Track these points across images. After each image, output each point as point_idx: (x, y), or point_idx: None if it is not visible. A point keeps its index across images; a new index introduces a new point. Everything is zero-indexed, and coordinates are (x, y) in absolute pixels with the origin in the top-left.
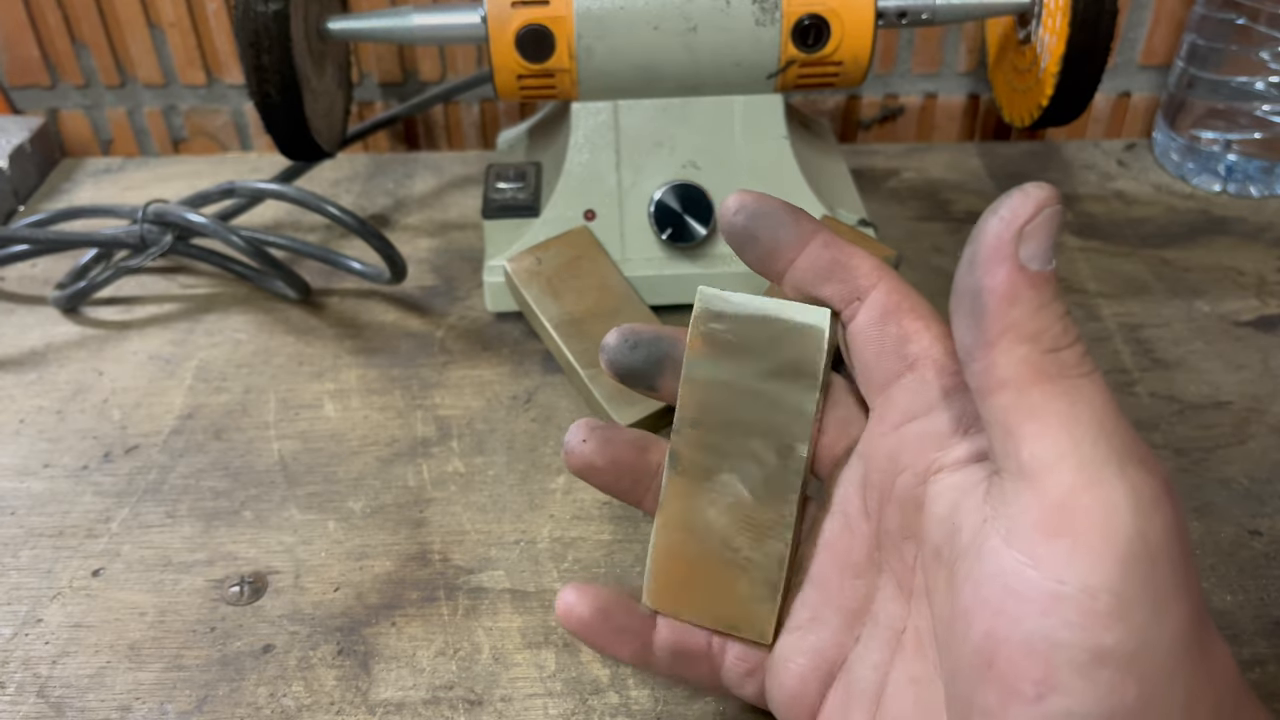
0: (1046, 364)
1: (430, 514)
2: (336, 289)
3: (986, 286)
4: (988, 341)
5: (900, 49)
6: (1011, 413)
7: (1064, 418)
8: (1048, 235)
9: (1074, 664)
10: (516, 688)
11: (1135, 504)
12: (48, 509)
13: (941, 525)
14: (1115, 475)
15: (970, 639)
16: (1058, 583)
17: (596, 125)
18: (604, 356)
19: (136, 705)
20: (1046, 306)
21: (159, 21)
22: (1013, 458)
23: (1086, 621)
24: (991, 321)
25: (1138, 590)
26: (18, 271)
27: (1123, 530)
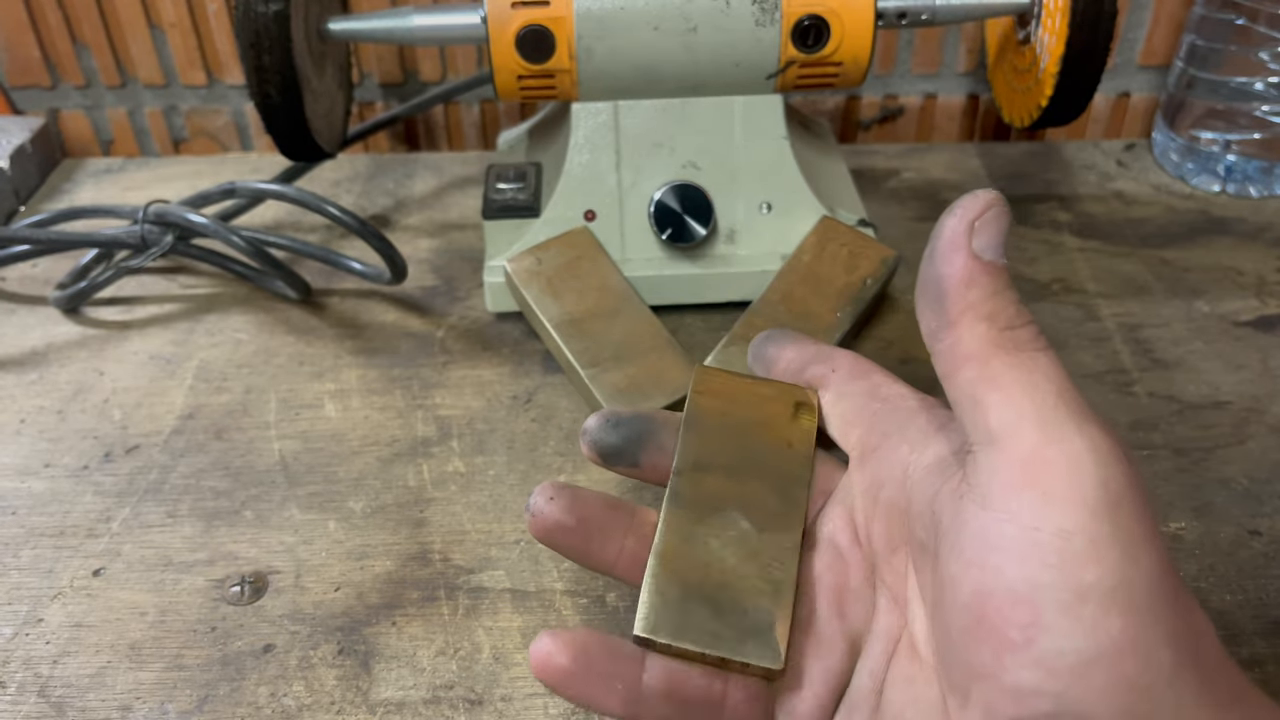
0: (1004, 340)
1: (431, 514)
2: (337, 289)
3: (945, 274)
4: (950, 321)
5: (900, 49)
6: (976, 384)
7: (1024, 384)
8: (997, 230)
9: (1058, 603)
10: (517, 687)
11: (1096, 455)
12: (49, 509)
13: (923, 518)
14: (1075, 432)
15: (959, 602)
16: (1033, 530)
17: (596, 126)
18: (585, 439)
19: (137, 705)
20: (1001, 293)
21: (160, 22)
22: (980, 426)
23: (1064, 562)
24: (952, 303)
25: (1108, 532)
26: (18, 272)
27: (1087, 479)
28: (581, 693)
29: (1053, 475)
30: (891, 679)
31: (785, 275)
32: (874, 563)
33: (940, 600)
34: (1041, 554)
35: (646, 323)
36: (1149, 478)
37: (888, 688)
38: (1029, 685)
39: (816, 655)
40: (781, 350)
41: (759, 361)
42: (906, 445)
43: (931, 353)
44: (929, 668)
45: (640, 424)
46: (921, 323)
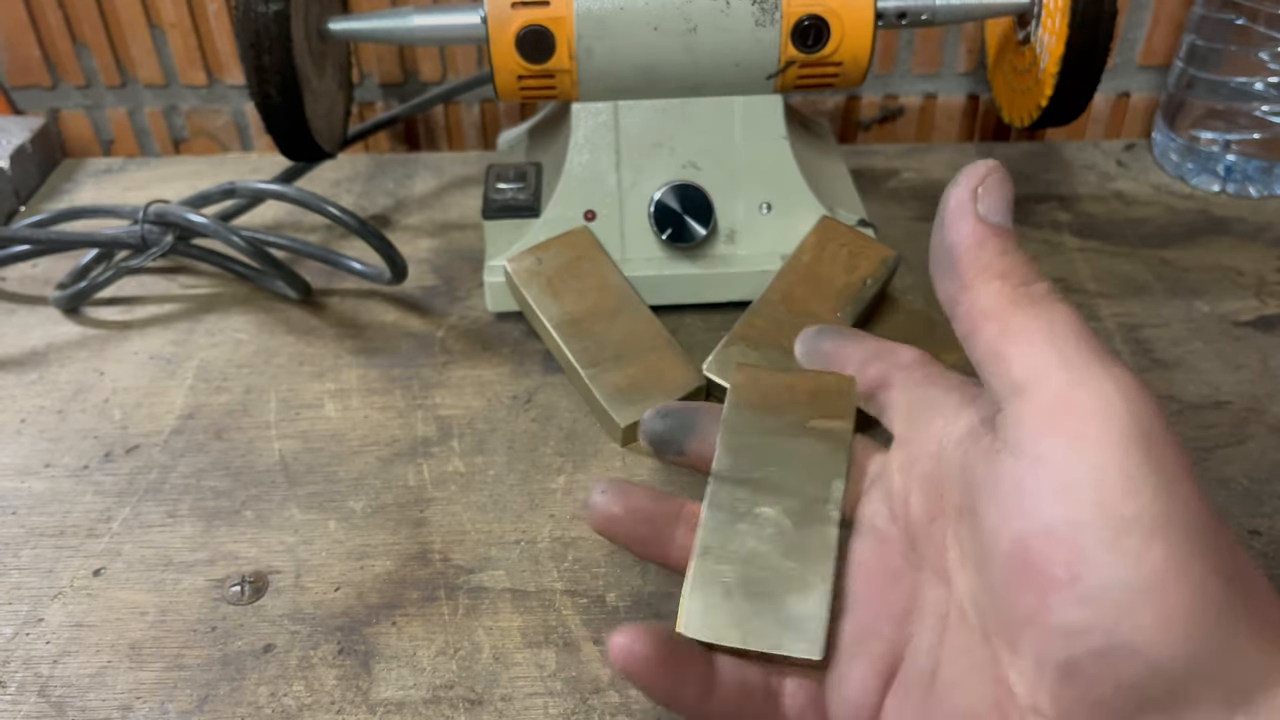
0: (1020, 295)
1: (431, 514)
2: (337, 289)
3: (955, 240)
4: (965, 284)
5: (900, 49)
6: (997, 340)
7: (1044, 333)
8: (1000, 194)
9: (1099, 539)
10: (517, 687)
11: (1123, 393)
12: (49, 508)
13: (957, 482)
14: (1100, 372)
15: (1000, 553)
16: (1067, 470)
17: (596, 126)
18: (641, 430)
19: (137, 705)
20: (1011, 252)
21: (160, 22)
22: (1006, 380)
23: (1101, 498)
24: (965, 267)
25: (1142, 465)
26: (19, 272)
27: (1117, 415)
28: (662, 685)
29: (1082, 415)
30: (946, 652)
31: (785, 275)
32: (913, 538)
33: (982, 557)
34: (1078, 493)
35: (646, 323)
36: None
37: (943, 662)
38: (1078, 623)
39: (862, 640)
40: (841, 347)
41: (814, 356)
42: (941, 419)
43: (951, 319)
44: (979, 632)
45: (686, 415)
46: (939, 291)
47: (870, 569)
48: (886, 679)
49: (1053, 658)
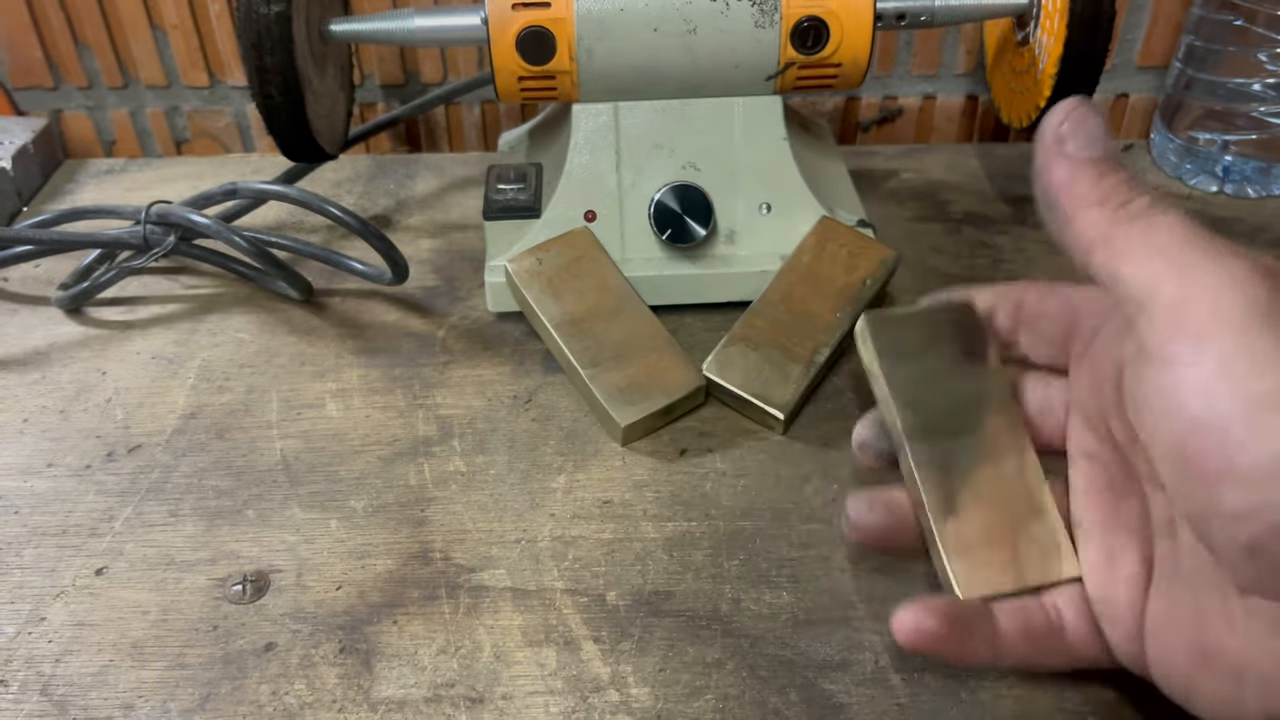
0: (1120, 216)
1: (432, 513)
2: (338, 289)
3: (1049, 182)
4: (1067, 219)
5: (899, 50)
6: (1108, 264)
7: (1148, 247)
8: (1083, 128)
9: (1242, 421)
10: (517, 685)
11: (1234, 282)
12: (51, 508)
13: (1132, 399)
14: (1209, 269)
15: (1164, 457)
16: (1195, 366)
17: (597, 127)
18: (865, 452)
19: (139, 703)
20: (1105, 177)
21: (161, 23)
22: (1128, 299)
23: (1233, 383)
24: (1066, 203)
25: (1265, 343)
26: (21, 272)
27: (1230, 306)
28: (957, 649)
29: (1199, 315)
30: (1182, 549)
31: (785, 275)
32: (1124, 455)
33: (1156, 464)
34: (1212, 385)
35: (646, 323)
36: None
37: (1182, 558)
38: (1245, 505)
39: (1113, 556)
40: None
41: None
42: (1112, 340)
43: (1069, 254)
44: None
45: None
46: (1052, 232)
47: (1097, 492)
48: (1145, 586)
49: (1236, 542)
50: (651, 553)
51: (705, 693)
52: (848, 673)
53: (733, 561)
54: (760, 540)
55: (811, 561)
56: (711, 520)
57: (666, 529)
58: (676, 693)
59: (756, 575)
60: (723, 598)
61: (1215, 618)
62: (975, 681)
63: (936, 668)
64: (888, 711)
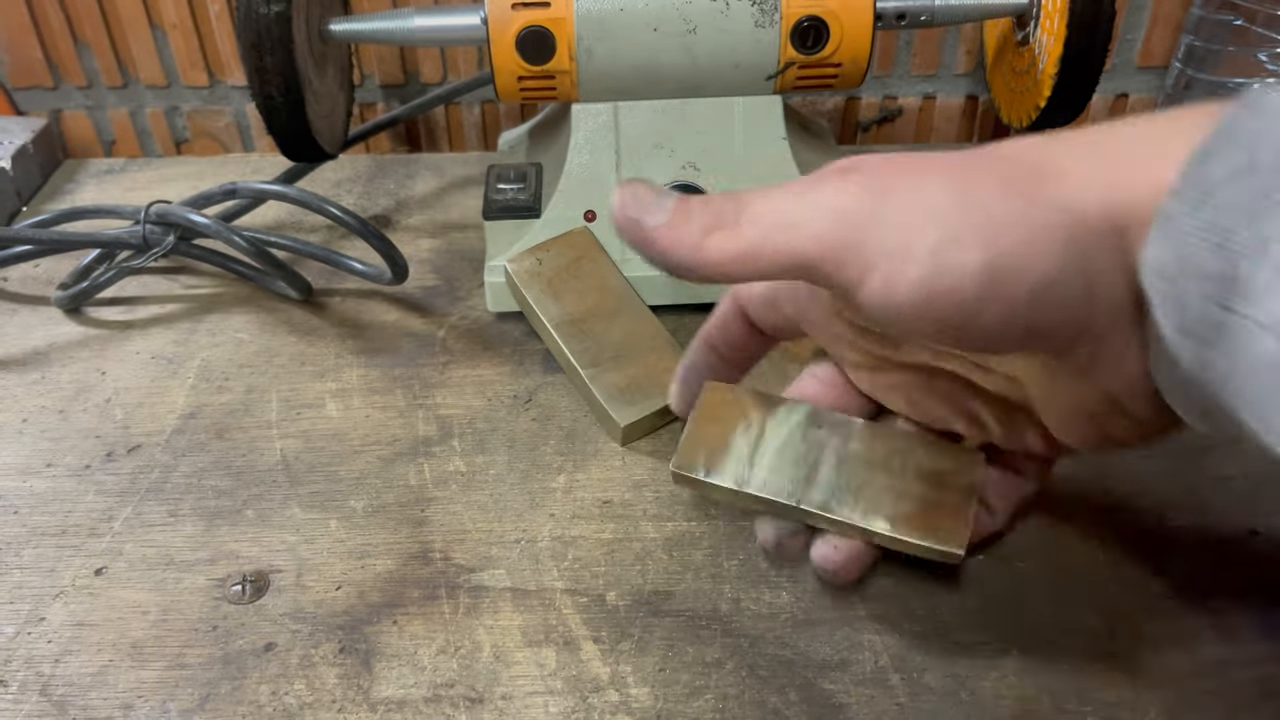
0: (741, 224)
1: (431, 513)
2: (338, 289)
3: (662, 253)
4: (701, 262)
5: (899, 50)
6: (780, 251)
7: (758, 239)
8: (636, 196)
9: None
10: (517, 686)
11: (826, 198)
12: (50, 508)
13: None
14: (813, 197)
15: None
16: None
17: (597, 126)
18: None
19: (139, 704)
20: (691, 211)
21: (161, 23)
22: (788, 270)
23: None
24: (690, 256)
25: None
26: (20, 272)
27: (822, 213)
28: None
29: (798, 221)
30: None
31: None
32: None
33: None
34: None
35: (646, 323)
36: (1148, 477)
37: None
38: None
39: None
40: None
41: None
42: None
43: (726, 284)
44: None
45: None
46: (698, 280)
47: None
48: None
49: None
50: (651, 553)
51: (705, 692)
52: (847, 672)
53: (733, 561)
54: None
55: None
56: (711, 520)
57: (666, 529)
58: (676, 693)
59: (756, 575)
60: (722, 597)
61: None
62: (975, 681)
63: (937, 668)
64: (887, 711)
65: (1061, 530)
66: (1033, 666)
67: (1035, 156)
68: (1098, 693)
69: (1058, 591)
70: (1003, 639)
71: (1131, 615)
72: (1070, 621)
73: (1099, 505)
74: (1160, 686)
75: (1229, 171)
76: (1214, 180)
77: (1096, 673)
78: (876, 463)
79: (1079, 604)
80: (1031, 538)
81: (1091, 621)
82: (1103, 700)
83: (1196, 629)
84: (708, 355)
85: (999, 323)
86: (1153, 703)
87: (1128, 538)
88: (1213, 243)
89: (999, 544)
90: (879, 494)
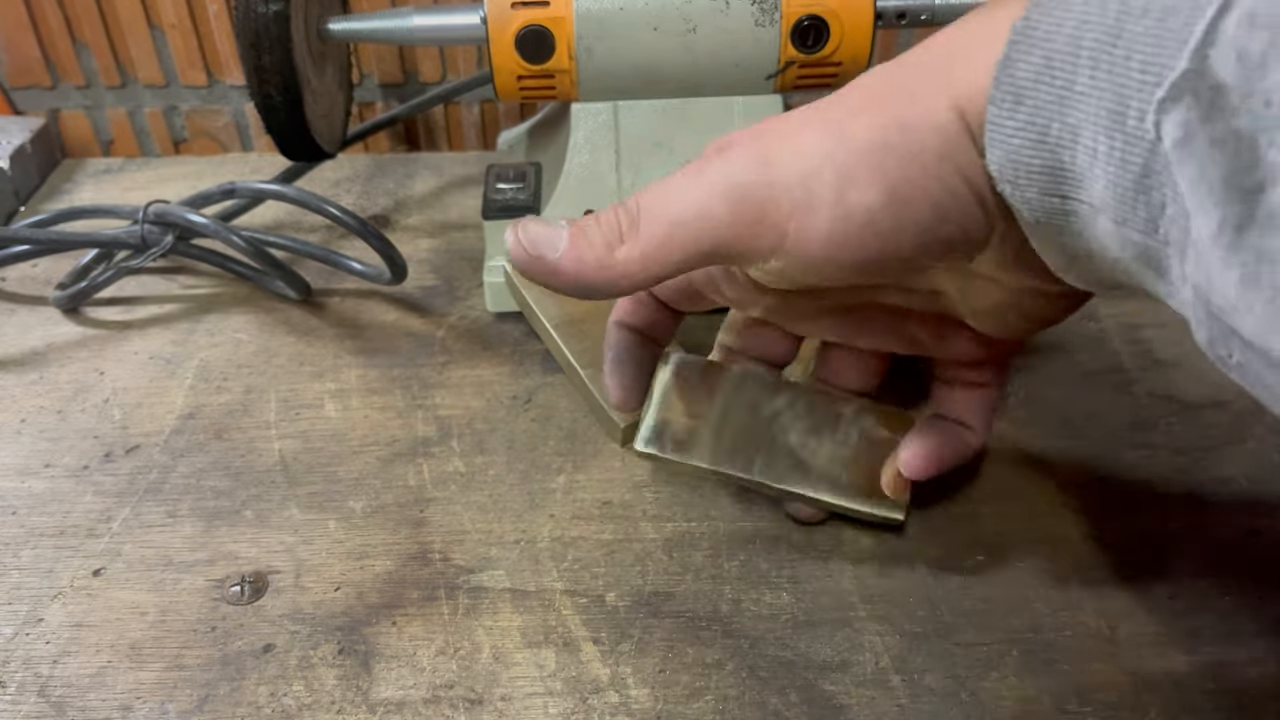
0: (640, 228)
1: (431, 513)
2: (337, 289)
3: (573, 282)
4: (621, 275)
5: (900, 49)
6: (688, 248)
7: (662, 238)
8: (530, 241)
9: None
10: (516, 687)
11: (714, 179)
12: (49, 508)
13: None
14: (690, 182)
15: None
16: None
17: (596, 126)
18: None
19: (137, 705)
20: (585, 229)
21: (160, 22)
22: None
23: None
24: (598, 275)
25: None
26: (19, 272)
27: (720, 179)
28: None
29: (699, 197)
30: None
31: None
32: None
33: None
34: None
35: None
36: (1148, 478)
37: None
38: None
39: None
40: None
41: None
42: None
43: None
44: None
45: None
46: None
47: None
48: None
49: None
50: (651, 553)
51: (705, 694)
52: (848, 674)
53: (733, 562)
54: (760, 540)
55: (811, 562)
56: (711, 520)
57: (666, 529)
58: (676, 694)
59: (756, 576)
60: (723, 598)
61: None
62: (975, 682)
63: (937, 668)
64: (888, 712)
65: (1061, 530)
66: (1033, 666)
67: (887, 83)
68: (1098, 693)
69: (1058, 591)
70: (1003, 639)
71: (1131, 615)
72: (1070, 621)
73: (1099, 505)
74: (1160, 686)
75: (1033, 71)
76: (1022, 82)
77: (1096, 673)
78: (823, 431)
79: (1079, 604)
80: (1032, 538)
81: (1091, 621)
82: (1103, 700)
83: (1196, 629)
84: (628, 339)
85: (913, 244)
86: (1153, 703)
87: (1128, 538)
88: (1033, 140)
89: (999, 544)
90: (825, 464)
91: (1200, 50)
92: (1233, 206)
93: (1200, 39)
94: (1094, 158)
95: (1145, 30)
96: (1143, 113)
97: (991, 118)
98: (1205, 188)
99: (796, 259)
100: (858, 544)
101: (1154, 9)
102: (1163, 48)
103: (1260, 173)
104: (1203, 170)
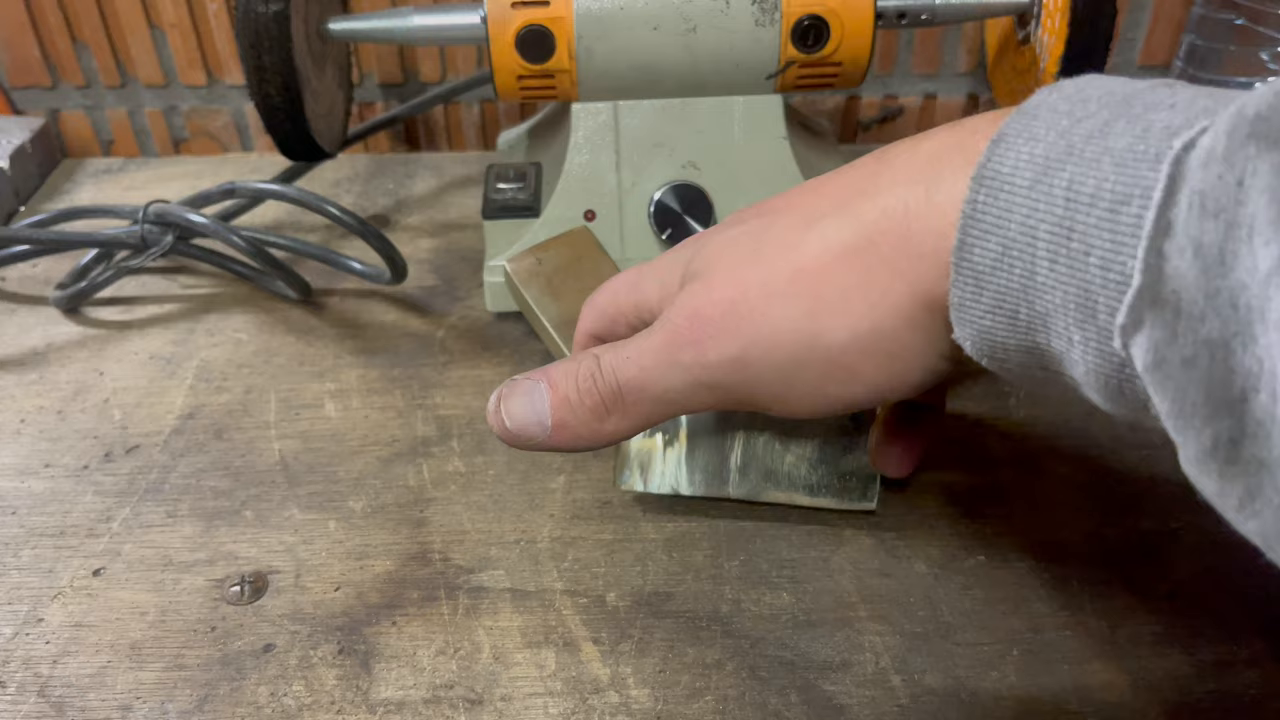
0: (618, 352)
1: (431, 513)
2: (337, 289)
3: (563, 443)
4: (612, 403)
5: (900, 49)
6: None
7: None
8: (513, 423)
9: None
10: (516, 687)
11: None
12: (49, 508)
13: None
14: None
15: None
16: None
17: (596, 126)
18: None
19: (137, 705)
20: (568, 424)
21: (159, 22)
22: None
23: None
24: (576, 421)
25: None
26: (19, 272)
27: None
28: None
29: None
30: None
31: None
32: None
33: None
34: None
35: None
36: (1149, 478)
37: None
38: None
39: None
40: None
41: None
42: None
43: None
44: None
45: None
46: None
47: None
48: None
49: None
50: (651, 553)
51: (705, 694)
52: (848, 674)
53: (733, 562)
54: (760, 540)
55: (811, 562)
56: (711, 520)
57: (666, 529)
58: (676, 694)
59: (756, 576)
60: (723, 598)
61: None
62: (975, 682)
63: (937, 669)
64: (888, 713)
65: (1062, 531)
66: (1033, 666)
67: (853, 264)
68: (1098, 693)
69: (1058, 591)
70: (1003, 639)
71: (1132, 615)
72: (1070, 621)
73: (1099, 505)
74: (1160, 686)
75: (990, 258)
76: (980, 268)
77: (1096, 673)
78: (788, 435)
79: (1079, 604)
80: (1032, 538)
81: (1091, 621)
82: (1103, 700)
83: (1196, 629)
84: None
85: (889, 397)
86: (1153, 703)
87: (1128, 538)
88: (1004, 322)
89: (999, 544)
90: (791, 469)
91: (1154, 244)
92: (1221, 422)
93: (1151, 231)
94: (1070, 344)
95: (1098, 222)
96: (1112, 309)
97: (955, 300)
98: (1189, 409)
99: (786, 412)
100: (858, 544)
101: (1103, 198)
102: (1120, 245)
103: (1239, 382)
104: (1182, 392)
